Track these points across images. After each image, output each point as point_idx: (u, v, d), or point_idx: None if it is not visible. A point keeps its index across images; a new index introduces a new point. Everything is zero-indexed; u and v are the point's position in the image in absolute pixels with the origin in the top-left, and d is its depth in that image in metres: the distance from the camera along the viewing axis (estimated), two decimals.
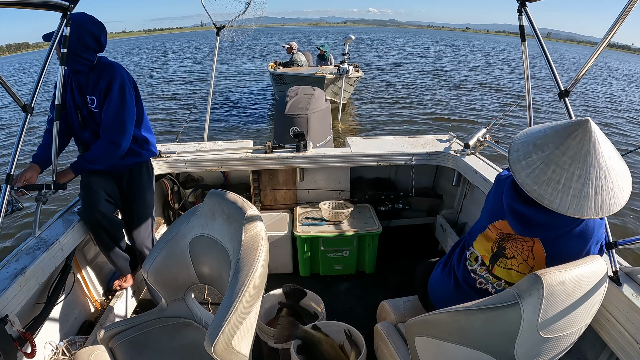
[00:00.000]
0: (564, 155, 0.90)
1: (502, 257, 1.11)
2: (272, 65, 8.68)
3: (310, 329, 1.50)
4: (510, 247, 1.10)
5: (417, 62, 20.35)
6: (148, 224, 1.85)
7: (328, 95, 7.53)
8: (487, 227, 1.14)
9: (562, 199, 0.89)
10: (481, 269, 1.16)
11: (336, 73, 7.27)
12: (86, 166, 1.62)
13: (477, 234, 1.18)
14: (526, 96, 1.75)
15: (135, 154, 1.74)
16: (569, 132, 0.91)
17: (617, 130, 8.01)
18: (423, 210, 2.76)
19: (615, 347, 1.16)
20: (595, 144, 0.88)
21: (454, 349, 0.94)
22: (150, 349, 1.32)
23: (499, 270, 1.12)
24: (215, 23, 2.81)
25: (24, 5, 1.28)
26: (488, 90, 11.90)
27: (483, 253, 1.16)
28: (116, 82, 1.57)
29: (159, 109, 9.12)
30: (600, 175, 0.88)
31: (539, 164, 0.92)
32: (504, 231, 1.11)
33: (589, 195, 0.88)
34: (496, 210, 1.12)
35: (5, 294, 1.18)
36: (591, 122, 0.89)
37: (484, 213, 1.19)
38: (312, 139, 2.48)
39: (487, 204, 1.20)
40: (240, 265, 1.04)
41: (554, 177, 0.90)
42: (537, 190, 0.91)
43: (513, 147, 1.01)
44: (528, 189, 0.92)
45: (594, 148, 0.88)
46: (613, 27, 1.18)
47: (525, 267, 1.08)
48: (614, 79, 17.60)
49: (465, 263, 1.22)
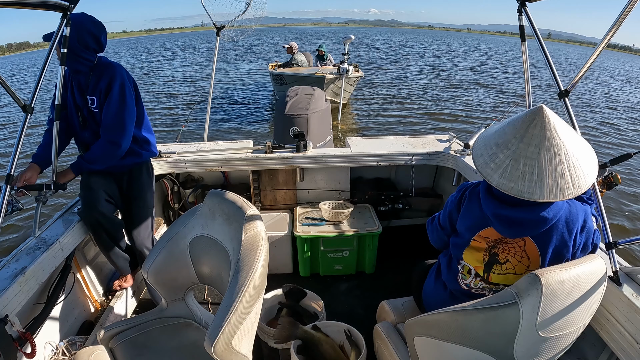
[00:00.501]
0: (530, 146, 0.91)
1: (496, 264, 1.09)
2: (272, 66, 8.68)
3: (310, 329, 1.50)
4: (502, 251, 1.08)
5: (417, 61, 20.37)
6: (148, 224, 1.85)
7: (328, 95, 7.53)
8: (472, 239, 1.12)
9: (541, 188, 0.89)
10: (476, 281, 1.13)
11: (336, 73, 7.27)
12: (86, 166, 1.62)
13: (463, 248, 1.15)
14: (526, 96, 1.75)
15: (136, 154, 1.74)
16: (527, 123, 0.92)
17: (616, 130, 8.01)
18: (423, 210, 2.76)
19: (615, 347, 1.16)
20: (556, 127, 0.91)
21: (454, 348, 0.94)
22: (150, 349, 1.32)
23: (495, 277, 1.10)
24: (215, 23, 2.81)
25: (24, 6, 1.28)
26: (489, 90, 11.90)
27: (475, 264, 1.13)
28: (116, 82, 1.57)
29: (159, 109, 9.13)
30: (569, 154, 0.90)
31: (508, 161, 0.93)
32: (493, 238, 1.08)
33: (565, 176, 0.89)
34: (477, 222, 1.10)
35: (5, 294, 1.18)
36: (545, 108, 0.92)
37: (462, 227, 1.15)
38: (312, 139, 2.48)
39: (464, 219, 1.15)
40: (240, 265, 1.04)
41: (527, 170, 0.90)
42: (515, 187, 0.91)
43: (475, 154, 1.01)
44: (505, 189, 0.92)
45: (555, 131, 0.90)
46: (613, 27, 1.18)
47: (522, 267, 1.07)
48: (615, 80, 17.60)
49: (457, 277, 1.19)
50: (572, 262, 0.93)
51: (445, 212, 1.24)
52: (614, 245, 1.21)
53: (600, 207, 1.22)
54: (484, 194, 1.07)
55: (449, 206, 1.23)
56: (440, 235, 1.28)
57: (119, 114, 1.58)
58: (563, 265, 0.91)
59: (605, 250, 1.24)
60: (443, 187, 2.70)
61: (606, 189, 1.41)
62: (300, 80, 7.37)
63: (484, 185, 1.08)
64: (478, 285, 1.14)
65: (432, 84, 12.76)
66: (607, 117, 9.18)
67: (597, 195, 1.24)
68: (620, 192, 4.76)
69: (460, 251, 1.16)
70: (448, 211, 1.22)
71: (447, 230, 1.25)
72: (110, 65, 1.61)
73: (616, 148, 6.74)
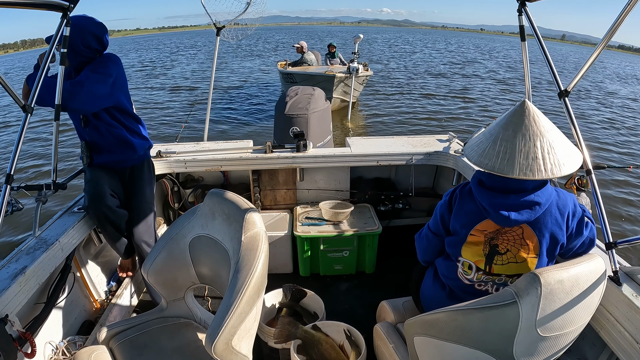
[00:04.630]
0: (507, 130, 1.01)
1: (497, 255, 1.12)
2: (282, 65, 8.63)
3: (310, 329, 1.50)
4: (502, 242, 1.11)
5: (428, 61, 20.35)
6: (147, 220, 1.85)
7: (338, 94, 7.53)
8: (469, 234, 1.14)
9: (512, 166, 0.98)
10: (479, 275, 1.15)
11: (346, 72, 7.23)
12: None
13: (461, 245, 1.17)
14: (526, 96, 1.75)
15: (129, 143, 1.75)
16: (509, 113, 1.03)
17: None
18: (423, 210, 2.76)
19: (615, 347, 1.16)
20: (535, 117, 1.00)
21: (453, 348, 0.94)
22: (150, 349, 1.32)
23: (497, 268, 1.13)
24: (215, 23, 2.81)
25: (24, 5, 1.28)
26: (491, 91, 11.90)
27: (476, 259, 1.15)
28: (105, 56, 1.63)
29: (159, 109, 9.12)
30: (544, 142, 0.98)
31: (488, 143, 1.04)
32: (490, 230, 1.11)
33: (537, 159, 0.97)
34: (473, 217, 1.13)
35: (5, 294, 1.18)
36: (528, 101, 1.01)
37: (456, 225, 1.18)
38: (312, 139, 2.48)
39: (458, 217, 1.17)
40: (240, 265, 1.04)
41: (501, 150, 1.00)
42: (489, 163, 1.01)
43: (467, 145, 1.14)
44: (482, 166, 1.02)
45: (533, 120, 0.99)
46: (612, 27, 1.18)
47: (522, 255, 1.10)
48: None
49: (456, 274, 1.20)
50: (571, 262, 0.93)
51: (436, 217, 1.26)
52: (613, 245, 1.21)
53: (600, 207, 1.23)
54: (476, 187, 1.11)
55: (438, 211, 1.25)
56: (433, 243, 1.29)
57: (95, 74, 1.55)
58: (562, 264, 0.92)
59: (605, 250, 1.24)
60: (443, 186, 2.70)
61: (575, 188, 1.53)
62: (310, 79, 7.33)
63: (475, 180, 1.13)
64: (481, 279, 1.15)
65: (442, 83, 12.74)
66: (607, 117, 9.19)
67: (597, 195, 1.24)
68: (621, 195, 4.76)
69: (457, 249, 1.18)
70: (439, 215, 1.24)
71: (440, 235, 1.26)
72: (106, 54, 1.65)
73: (616, 149, 6.75)
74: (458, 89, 11.96)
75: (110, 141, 1.70)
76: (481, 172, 1.11)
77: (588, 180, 1.29)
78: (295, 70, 7.89)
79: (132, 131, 1.76)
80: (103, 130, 1.67)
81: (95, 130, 1.68)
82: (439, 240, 1.27)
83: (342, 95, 7.63)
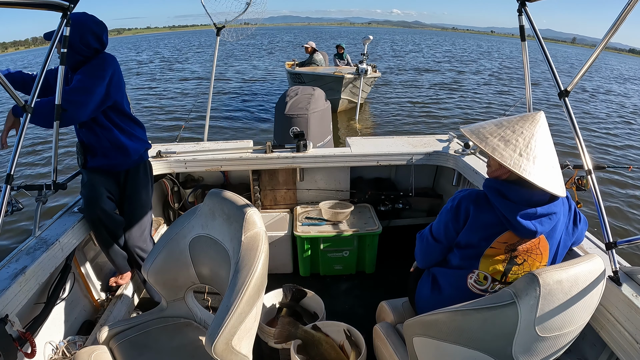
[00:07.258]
0: (508, 129, 1.07)
1: (514, 266, 1.11)
2: (289, 64, 8.61)
3: (310, 329, 1.50)
4: (520, 253, 1.10)
5: (435, 62, 20.34)
6: (142, 224, 1.83)
7: (346, 95, 7.53)
8: (489, 247, 1.11)
9: (503, 154, 1.03)
10: (494, 285, 1.13)
11: (354, 73, 7.21)
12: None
13: (478, 258, 1.13)
14: (526, 96, 1.75)
15: (124, 147, 1.71)
16: (521, 116, 1.09)
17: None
18: (423, 210, 2.76)
19: (615, 347, 1.16)
20: (538, 127, 1.05)
21: (452, 349, 0.94)
22: (150, 349, 1.32)
23: (512, 277, 1.12)
24: (215, 23, 2.81)
25: (24, 5, 1.28)
26: (491, 91, 11.89)
27: (493, 271, 1.12)
28: (99, 57, 1.58)
29: (159, 109, 9.12)
30: (530, 148, 1.02)
31: (489, 134, 1.08)
32: (511, 242, 1.10)
33: (522, 157, 1.03)
34: (493, 230, 1.10)
35: (5, 294, 1.18)
36: (542, 113, 1.08)
37: (474, 239, 1.13)
38: (312, 139, 2.48)
39: (476, 231, 1.13)
40: (240, 265, 1.04)
41: (500, 137, 1.07)
42: (486, 145, 1.05)
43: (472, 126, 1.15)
44: (478, 143, 1.06)
45: (534, 129, 1.05)
46: (612, 28, 1.18)
47: (536, 263, 1.11)
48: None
49: (466, 284, 1.16)
50: (570, 262, 0.93)
51: (440, 223, 1.22)
52: (613, 245, 1.21)
53: (600, 207, 1.22)
54: (498, 199, 1.08)
55: (444, 217, 1.20)
56: (433, 249, 1.25)
57: (90, 79, 1.52)
58: (561, 264, 0.92)
59: (605, 250, 1.24)
60: (443, 187, 2.70)
61: (575, 188, 1.58)
62: (319, 79, 7.31)
63: (494, 192, 1.09)
64: (495, 289, 1.14)
65: (447, 85, 12.72)
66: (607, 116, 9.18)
67: (597, 196, 1.24)
68: (621, 195, 4.76)
69: (474, 261, 1.14)
70: (444, 223, 1.20)
71: (442, 243, 1.22)
72: (104, 54, 1.62)
73: (616, 148, 6.75)
74: (470, 89, 11.92)
75: (105, 144, 1.67)
76: (499, 182, 1.10)
77: (588, 180, 1.29)
78: (303, 70, 7.87)
79: (127, 133, 1.72)
80: (98, 132, 1.65)
81: (90, 132, 1.66)
82: (439, 247, 1.23)
83: (350, 96, 7.62)
